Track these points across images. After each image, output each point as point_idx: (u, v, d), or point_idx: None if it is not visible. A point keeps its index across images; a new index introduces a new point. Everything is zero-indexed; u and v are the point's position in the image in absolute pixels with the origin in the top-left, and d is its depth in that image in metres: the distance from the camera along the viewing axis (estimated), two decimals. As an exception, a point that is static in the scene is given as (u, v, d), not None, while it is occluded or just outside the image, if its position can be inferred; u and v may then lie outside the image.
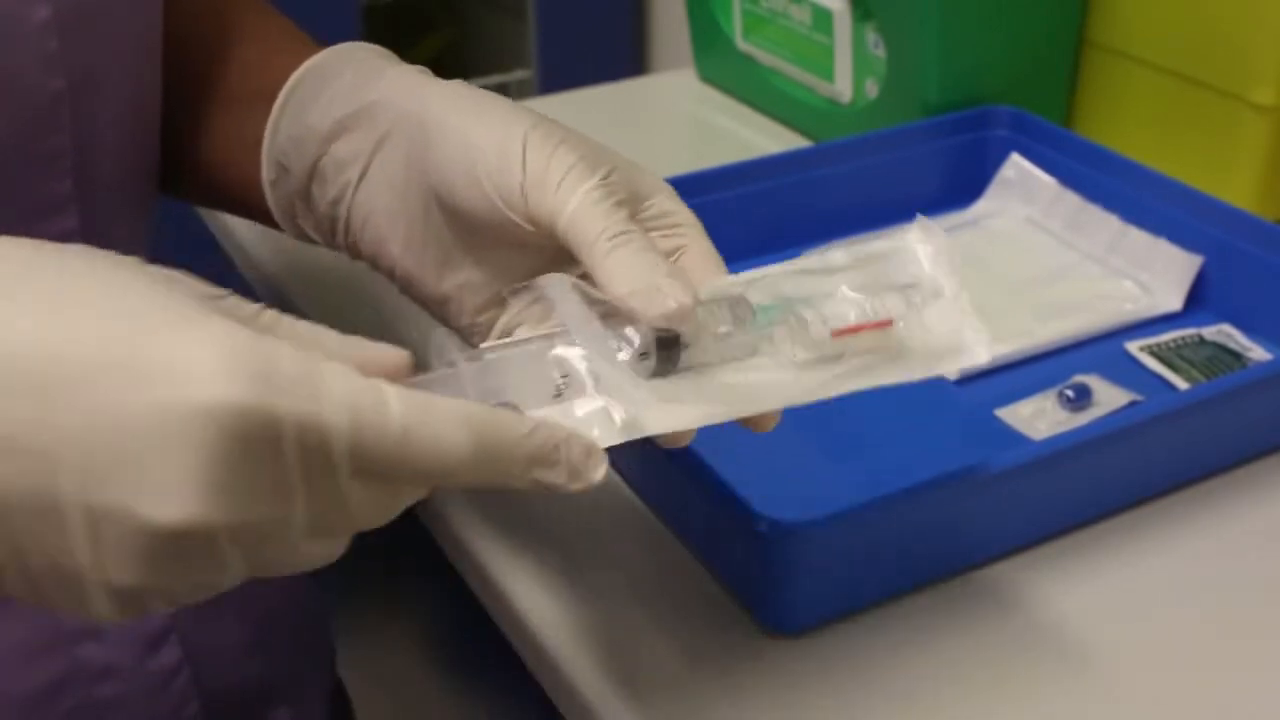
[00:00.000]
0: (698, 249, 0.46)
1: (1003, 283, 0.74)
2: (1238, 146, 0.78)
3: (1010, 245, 0.78)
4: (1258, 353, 0.68)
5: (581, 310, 0.41)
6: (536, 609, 0.54)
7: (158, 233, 0.58)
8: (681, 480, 0.55)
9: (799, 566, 0.51)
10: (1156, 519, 0.58)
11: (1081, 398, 0.64)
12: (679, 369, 0.42)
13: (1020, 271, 0.75)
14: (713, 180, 0.75)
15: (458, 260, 0.49)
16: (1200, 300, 0.72)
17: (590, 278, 0.42)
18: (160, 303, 0.32)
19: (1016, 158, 0.81)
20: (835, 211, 0.78)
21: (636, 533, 0.58)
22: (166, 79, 0.54)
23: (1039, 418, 0.63)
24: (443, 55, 1.94)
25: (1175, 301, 0.72)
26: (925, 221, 0.46)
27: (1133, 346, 0.69)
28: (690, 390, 0.41)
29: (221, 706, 0.57)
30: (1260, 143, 0.77)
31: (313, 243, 0.54)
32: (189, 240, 0.72)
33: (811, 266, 0.45)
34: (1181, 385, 0.66)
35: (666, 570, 0.56)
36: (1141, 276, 0.73)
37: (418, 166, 0.48)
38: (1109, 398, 0.64)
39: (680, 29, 1.09)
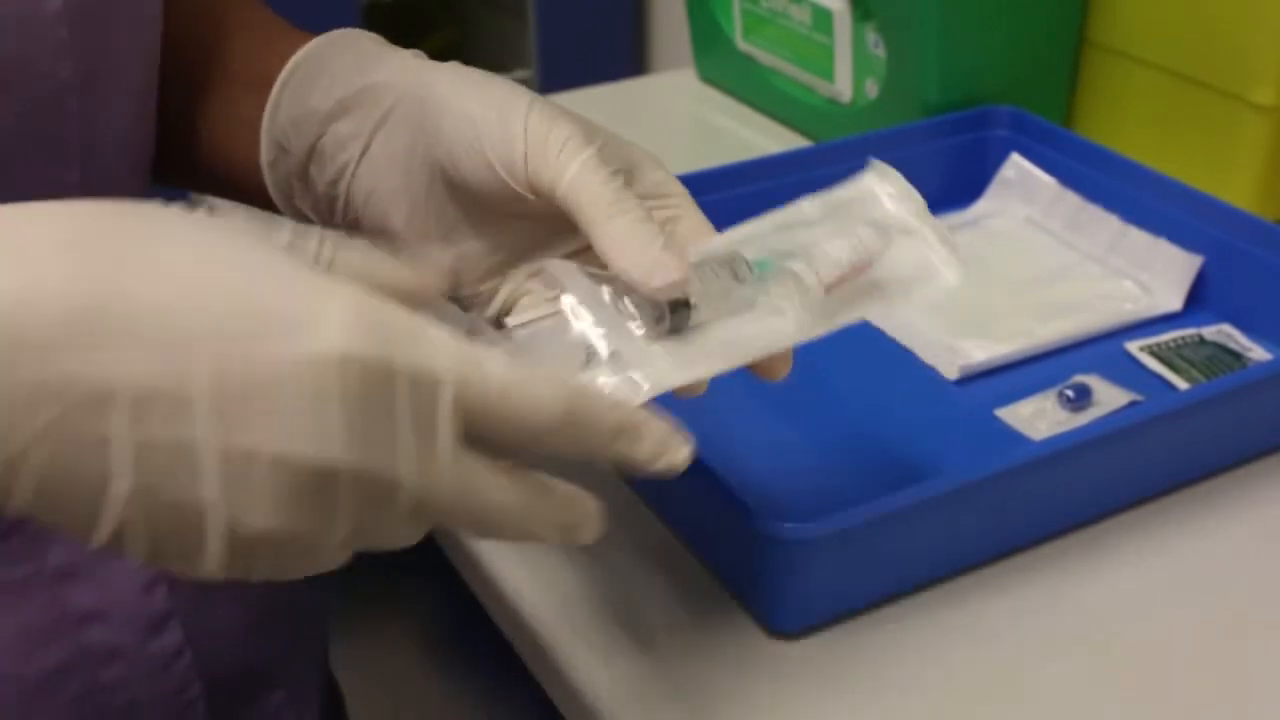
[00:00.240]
0: (690, 218, 0.49)
1: (1003, 283, 0.74)
2: (1238, 146, 0.78)
3: (1010, 245, 0.78)
4: (1258, 353, 0.68)
5: (590, 285, 0.45)
6: (537, 609, 0.54)
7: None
8: (682, 482, 0.55)
9: (799, 568, 0.51)
10: (1156, 519, 0.58)
11: (1081, 398, 0.64)
12: (689, 327, 0.45)
13: (1020, 271, 0.75)
14: (713, 180, 0.75)
15: (460, 232, 0.51)
16: (1200, 300, 0.72)
17: (585, 247, 0.45)
18: (280, 262, 0.34)
19: (1016, 158, 0.81)
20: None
21: (637, 533, 0.58)
22: (163, 73, 0.55)
23: (1039, 418, 0.63)
24: (443, 55, 1.91)
25: (1175, 301, 0.72)
26: (879, 164, 0.50)
27: (1133, 346, 0.69)
28: (701, 346, 0.45)
29: (221, 689, 0.57)
30: (1260, 143, 0.77)
31: (309, 222, 0.55)
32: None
33: (789, 220, 0.48)
34: (1181, 385, 0.66)
35: (667, 570, 0.56)
36: (1141, 276, 0.73)
37: (422, 142, 0.50)
38: (1109, 398, 0.64)
39: (680, 29, 1.09)
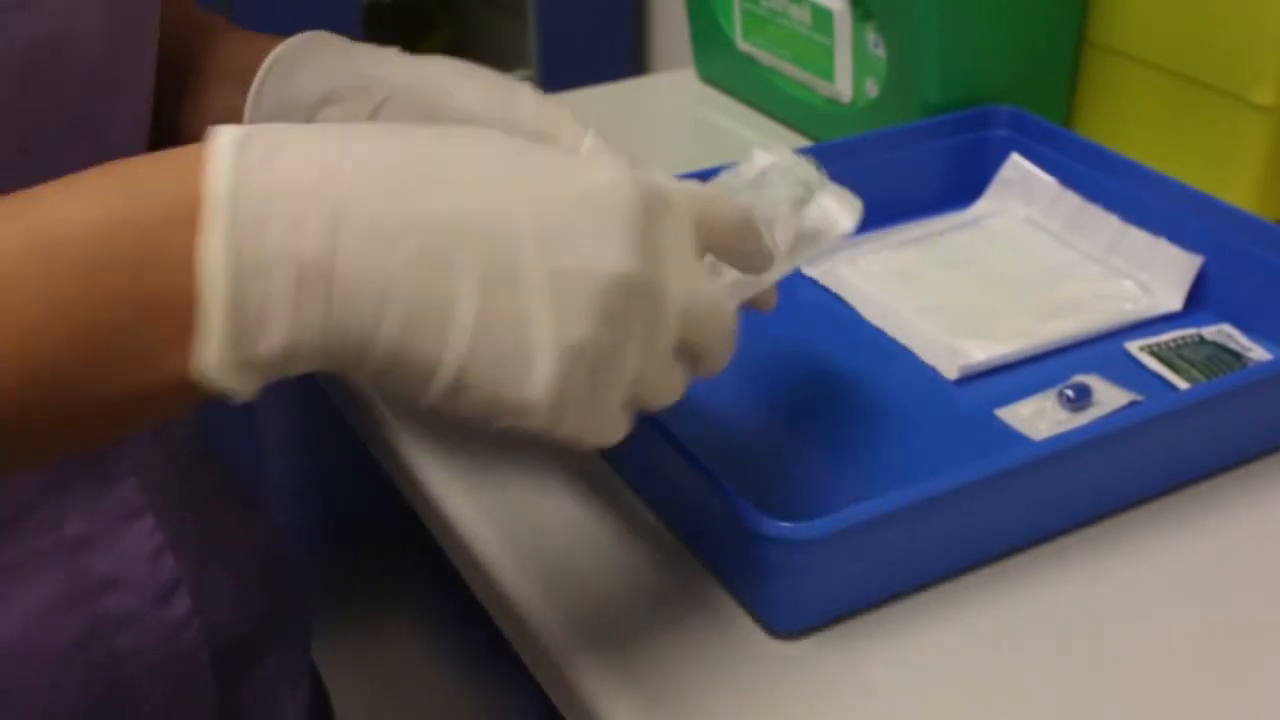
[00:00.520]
0: None
1: (1003, 283, 0.74)
2: (1238, 146, 0.78)
3: (1010, 245, 0.78)
4: (1258, 353, 0.68)
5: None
6: (537, 609, 0.54)
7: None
8: (682, 482, 0.55)
9: (799, 568, 0.51)
10: (1156, 519, 0.58)
11: (1081, 398, 0.64)
12: None
13: (1020, 271, 0.75)
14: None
15: None
16: (1200, 300, 0.72)
17: None
18: (537, 144, 0.42)
19: (1016, 158, 0.81)
20: (835, 211, 0.78)
21: (637, 533, 0.58)
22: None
23: (1039, 418, 0.63)
24: (443, 55, 1.94)
25: (1175, 301, 0.72)
26: (764, 145, 0.60)
27: (1133, 346, 0.69)
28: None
29: (225, 655, 0.59)
30: (1260, 143, 0.77)
31: None
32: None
33: (735, 185, 0.58)
34: (1181, 385, 0.66)
35: (667, 570, 0.56)
36: (1141, 276, 0.73)
37: (429, 122, 0.52)
38: (1109, 398, 0.64)
39: (680, 29, 1.09)
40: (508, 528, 0.59)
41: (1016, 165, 0.81)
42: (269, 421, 1.06)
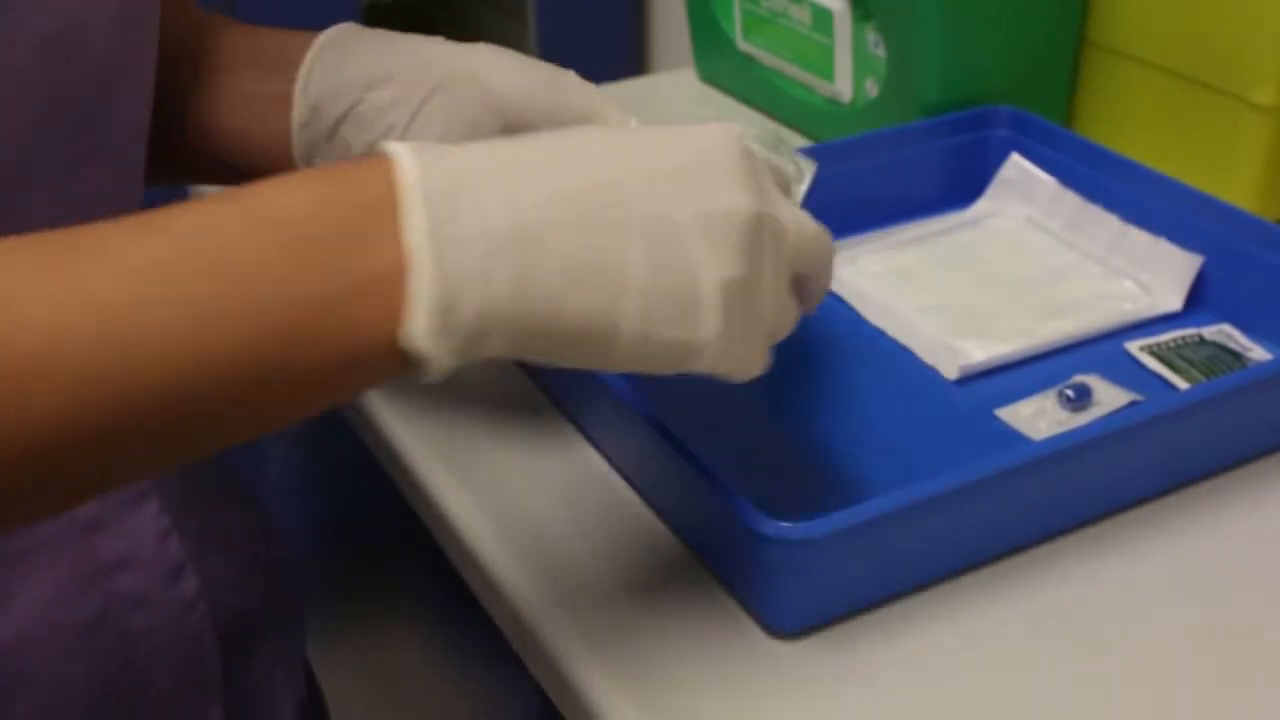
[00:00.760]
0: None
1: (1003, 283, 0.74)
2: (1238, 146, 0.78)
3: (1010, 245, 0.78)
4: (1258, 353, 0.68)
5: None
6: (537, 609, 0.54)
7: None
8: (682, 481, 0.55)
9: (800, 568, 0.51)
10: (1156, 519, 0.58)
11: (1081, 398, 0.64)
12: None
13: (1020, 271, 0.75)
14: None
15: None
16: (1200, 300, 0.72)
17: None
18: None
19: (1016, 158, 0.81)
20: (836, 211, 0.78)
21: (637, 533, 0.58)
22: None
23: (1039, 418, 0.63)
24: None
25: (1175, 301, 0.72)
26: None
27: (1133, 346, 0.69)
28: None
29: (228, 637, 0.60)
30: (1260, 143, 0.77)
31: None
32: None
33: None
34: (1181, 385, 0.66)
35: (667, 570, 0.56)
36: (1141, 276, 0.73)
37: (487, 105, 0.55)
38: (1109, 398, 0.64)
39: (680, 29, 1.09)
40: (507, 527, 0.58)
41: (1016, 165, 0.81)
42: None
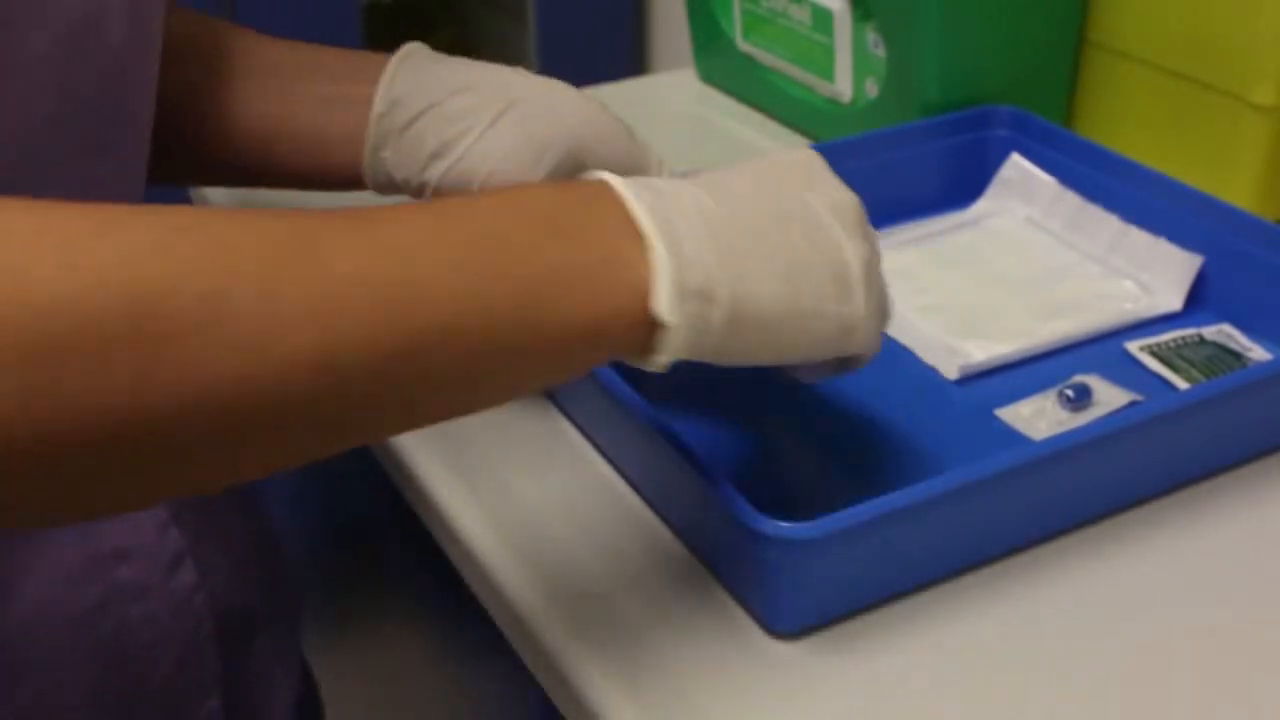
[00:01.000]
0: None
1: (1003, 283, 0.74)
2: (1238, 146, 0.78)
3: (1010, 245, 0.78)
4: (1258, 353, 0.68)
5: None
6: (537, 609, 0.54)
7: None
8: (683, 481, 0.55)
9: (800, 568, 0.51)
10: (1157, 519, 0.58)
11: (1081, 398, 0.64)
12: None
13: (1020, 271, 0.75)
14: (713, 180, 0.75)
15: None
16: (1200, 300, 0.72)
17: None
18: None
19: (1016, 158, 0.81)
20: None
21: (638, 533, 0.58)
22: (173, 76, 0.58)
23: (1039, 418, 0.63)
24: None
25: (1175, 301, 0.72)
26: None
27: (1133, 346, 0.69)
28: None
29: (226, 630, 0.60)
30: (1260, 143, 0.77)
31: (387, 184, 0.62)
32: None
33: None
34: (1181, 385, 0.66)
35: (667, 570, 0.56)
36: (1141, 276, 0.73)
37: (554, 127, 0.60)
38: (1109, 398, 0.64)
39: (680, 29, 1.09)
40: (507, 528, 0.58)
41: (1016, 165, 0.81)
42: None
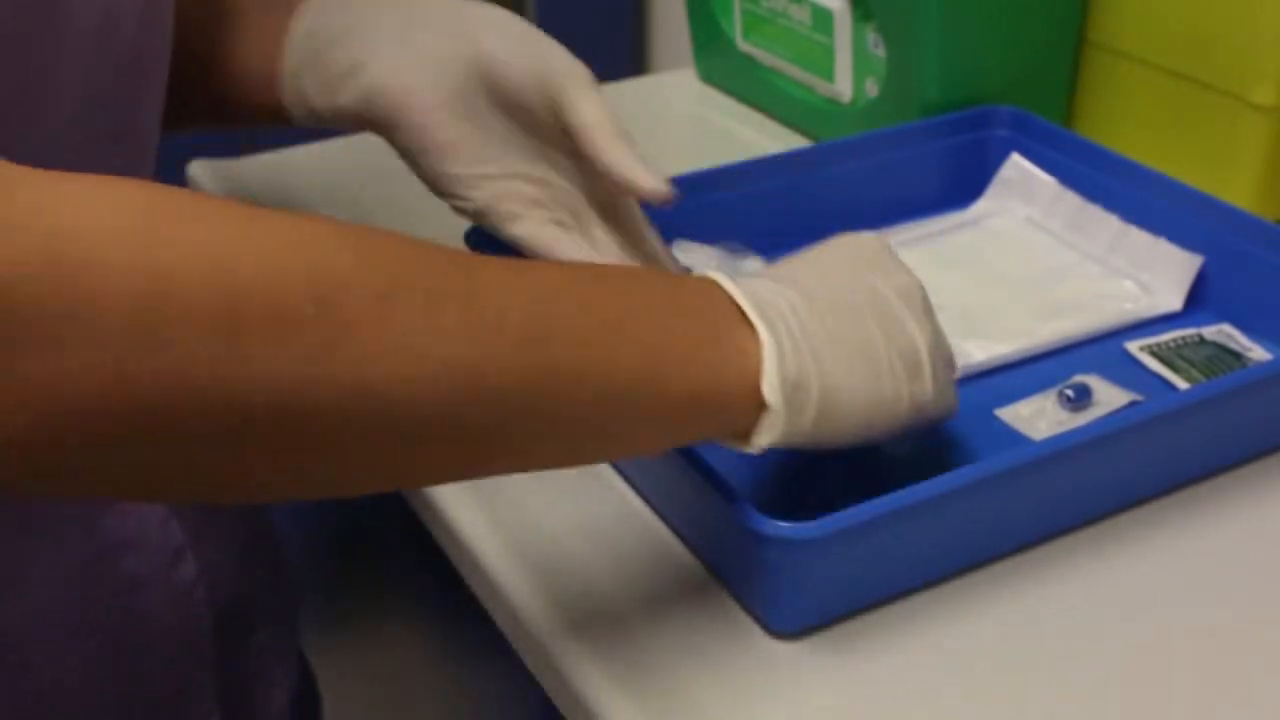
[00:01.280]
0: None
1: (1003, 283, 0.74)
2: (1238, 146, 0.78)
3: (1010, 245, 0.78)
4: (1258, 353, 0.68)
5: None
6: (537, 609, 0.54)
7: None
8: (683, 481, 0.55)
9: (800, 568, 0.51)
10: (1157, 519, 0.58)
11: (1081, 398, 0.64)
12: None
13: (1020, 271, 0.75)
14: (713, 180, 0.75)
15: (480, 140, 0.62)
16: (1200, 300, 0.72)
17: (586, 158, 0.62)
18: None
19: (1016, 158, 0.81)
20: (835, 211, 0.78)
21: (638, 533, 0.58)
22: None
23: (1039, 418, 0.63)
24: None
25: (1175, 301, 0.72)
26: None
27: (1133, 346, 0.69)
28: None
29: (224, 623, 0.61)
30: (1260, 143, 0.77)
31: (307, 114, 0.63)
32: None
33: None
34: (1181, 385, 0.66)
35: (667, 570, 0.56)
36: (1141, 276, 0.73)
37: (459, 41, 0.60)
38: (1109, 398, 0.64)
39: (680, 29, 1.09)
40: (507, 528, 0.58)
41: (1016, 165, 0.81)
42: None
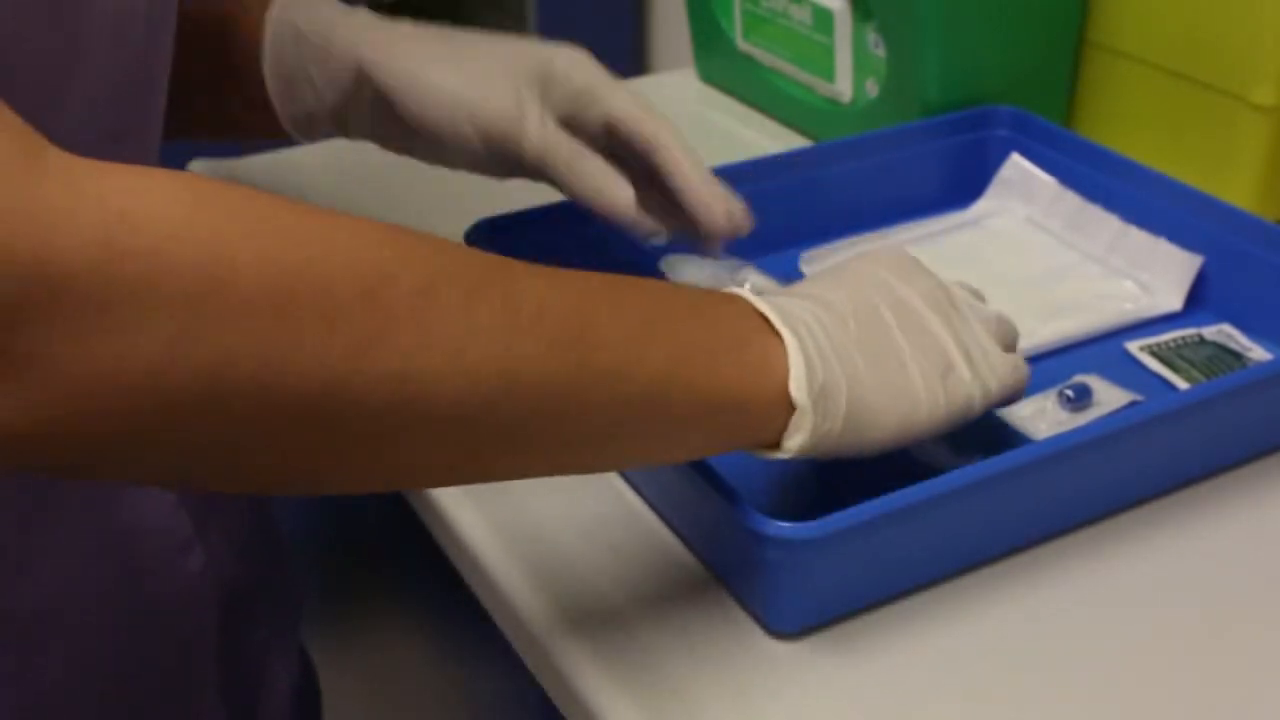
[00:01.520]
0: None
1: (1003, 283, 0.74)
2: (1238, 146, 0.78)
3: (1010, 245, 0.78)
4: (1258, 353, 0.68)
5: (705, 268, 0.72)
6: (537, 609, 0.54)
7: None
8: (683, 482, 0.55)
9: (799, 568, 0.51)
10: (1157, 519, 0.58)
11: (1081, 398, 0.64)
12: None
13: (1020, 271, 0.75)
14: (713, 180, 0.75)
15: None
16: (1200, 300, 0.72)
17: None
18: None
19: (1016, 158, 0.81)
20: (836, 211, 0.78)
21: (638, 533, 0.58)
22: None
23: (1039, 418, 0.63)
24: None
25: (1175, 301, 0.72)
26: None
27: (1133, 346, 0.69)
28: None
29: (227, 614, 0.61)
30: (1260, 143, 0.77)
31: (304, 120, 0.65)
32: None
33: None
34: (1181, 385, 0.66)
35: (667, 570, 0.56)
36: (1141, 276, 0.73)
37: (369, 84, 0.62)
38: (1109, 398, 0.64)
39: (680, 29, 1.09)
40: (508, 528, 0.59)
41: (1016, 165, 0.81)
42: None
